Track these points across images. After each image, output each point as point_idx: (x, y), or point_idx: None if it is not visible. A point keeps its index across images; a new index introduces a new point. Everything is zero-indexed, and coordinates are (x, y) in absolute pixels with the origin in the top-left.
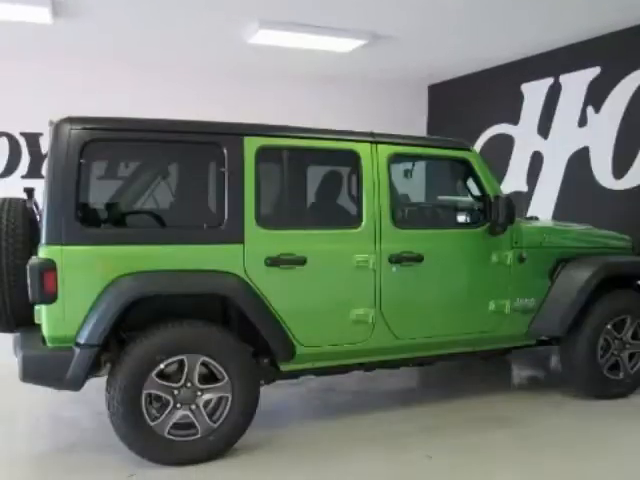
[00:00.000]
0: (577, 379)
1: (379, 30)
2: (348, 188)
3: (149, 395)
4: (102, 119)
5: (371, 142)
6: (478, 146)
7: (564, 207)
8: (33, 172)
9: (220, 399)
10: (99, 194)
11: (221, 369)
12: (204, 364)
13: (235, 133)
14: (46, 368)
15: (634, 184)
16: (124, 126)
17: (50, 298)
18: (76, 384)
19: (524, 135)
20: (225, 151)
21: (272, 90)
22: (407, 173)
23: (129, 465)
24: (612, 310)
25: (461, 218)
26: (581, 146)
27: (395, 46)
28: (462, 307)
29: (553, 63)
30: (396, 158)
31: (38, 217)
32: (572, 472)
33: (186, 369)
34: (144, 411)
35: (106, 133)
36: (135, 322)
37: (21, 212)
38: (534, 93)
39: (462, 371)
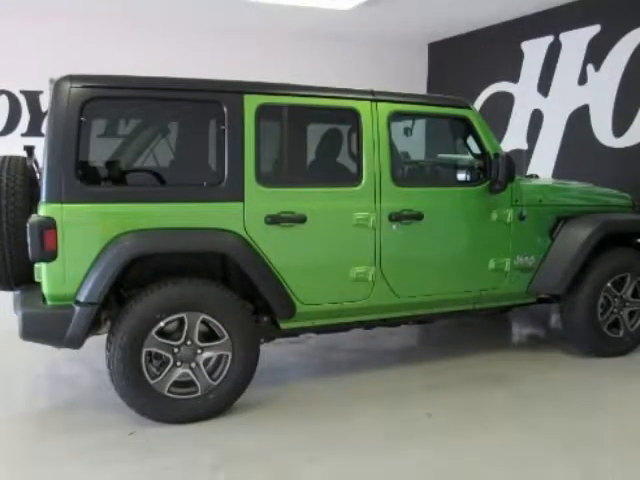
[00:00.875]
0: (577, 337)
1: None
2: (348, 146)
3: (149, 353)
4: (102, 77)
5: (371, 100)
6: (478, 104)
7: (564, 165)
8: (33, 130)
9: (220, 357)
10: (99, 152)
11: (221, 327)
12: (204, 322)
13: (235, 91)
14: (46, 326)
15: (634, 142)
16: (124, 84)
17: (50, 256)
18: (76, 342)
19: (524, 93)
20: (225, 109)
21: (272, 48)
22: (407, 131)
23: (129, 423)
24: (612, 268)
25: (461, 176)
26: (581, 104)
27: (395, 3)
28: (462, 265)
29: (553, 21)
30: (396, 116)
31: (38, 175)
32: (572, 429)
33: (186, 327)
34: (144, 369)
35: (106, 91)
36: (135, 280)
37: (21, 170)
38: (534, 51)
39: (462, 329)
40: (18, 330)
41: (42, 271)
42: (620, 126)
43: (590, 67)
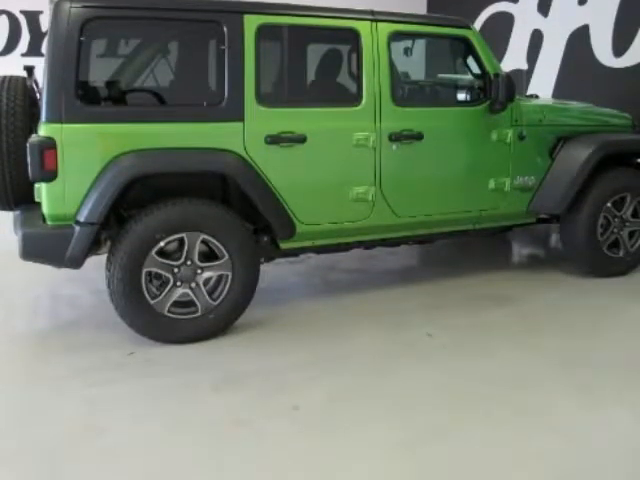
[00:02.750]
0: (577, 257)
1: None
2: (348, 66)
3: (149, 273)
4: None
5: (371, 20)
6: (478, 25)
7: (564, 85)
8: (33, 50)
9: (220, 277)
10: (99, 72)
11: (221, 247)
12: (204, 242)
13: (235, 11)
14: (46, 246)
15: (634, 62)
16: (124, 4)
17: (50, 176)
18: (76, 262)
19: (524, 13)
20: (225, 29)
21: None
22: (407, 51)
23: (129, 343)
24: (612, 188)
25: (461, 96)
26: (581, 24)
27: None
28: (462, 185)
29: None
30: (396, 36)
31: (38, 95)
32: (571, 348)
33: (186, 247)
34: (144, 289)
35: (106, 11)
36: (135, 200)
37: (21, 90)
38: None
39: (462, 249)
40: (18, 250)
41: (42, 191)
42: (620, 46)
43: None
